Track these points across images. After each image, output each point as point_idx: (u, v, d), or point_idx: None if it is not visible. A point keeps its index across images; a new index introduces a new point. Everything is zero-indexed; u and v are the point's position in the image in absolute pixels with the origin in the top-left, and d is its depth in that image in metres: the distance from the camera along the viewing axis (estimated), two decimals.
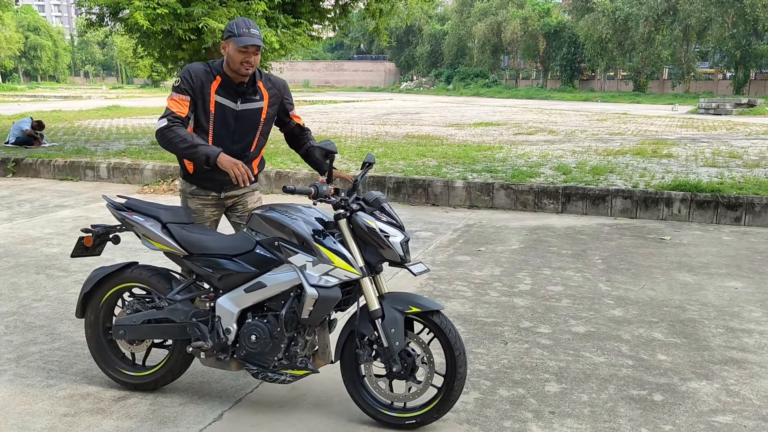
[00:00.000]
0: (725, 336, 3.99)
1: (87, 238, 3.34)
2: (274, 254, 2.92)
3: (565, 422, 3.00)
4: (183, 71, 3.19)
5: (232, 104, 3.21)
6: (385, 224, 2.83)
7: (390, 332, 2.84)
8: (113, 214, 3.31)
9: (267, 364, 2.97)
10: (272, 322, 2.93)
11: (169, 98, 3.14)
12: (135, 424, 2.97)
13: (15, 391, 3.28)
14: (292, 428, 2.95)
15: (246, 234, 3.03)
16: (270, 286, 2.91)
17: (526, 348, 3.81)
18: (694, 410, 3.11)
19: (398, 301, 2.90)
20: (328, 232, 2.88)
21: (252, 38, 3.06)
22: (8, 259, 5.57)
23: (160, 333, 3.19)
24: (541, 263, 5.50)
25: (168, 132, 3.08)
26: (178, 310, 3.10)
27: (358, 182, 3.05)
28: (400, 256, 2.82)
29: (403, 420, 2.96)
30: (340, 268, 2.80)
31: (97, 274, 3.30)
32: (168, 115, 3.10)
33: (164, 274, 3.25)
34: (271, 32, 9.54)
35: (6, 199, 8.29)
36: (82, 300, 3.31)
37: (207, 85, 3.15)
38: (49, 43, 76.68)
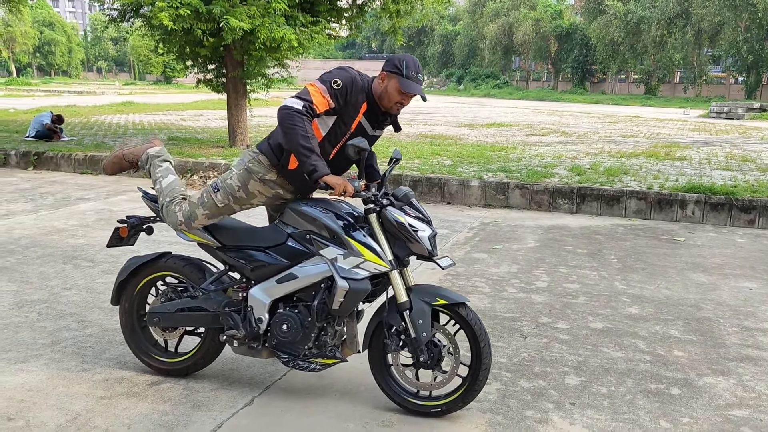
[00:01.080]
0: (740, 334, 4.07)
1: (122, 229, 3.44)
2: (306, 247, 3.02)
3: (585, 413, 3.09)
4: (345, 76, 2.90)
5: (370, 129, 3.06)
6: (413, 219, 2.92)
7: (417, 323, 2.93)
8: (149, 206, 3.41)
9: (297, 353, 3.07)
10: (303, 312, 3.03)
11: (315, 87, 2.87)
12: (169, 408, 3.08)
13: (52, 374, 3.40)
14: (321, 414, 3.05)
15: (278, 226, 3.12)
16: (301, 278, 3.00)
17: (545, 342, 3.90)
18: (711, 404, 3.20)
19: (425, 293, 2.99)
20: (358, 225, 2.98)
21: (419, 86, 2.91)
22: (35, 249, 5.71)
23: (194, 321, 3.29)
24: (557, 261, 5.59)
25: (298, 118, 2.81)
26: (211, 300, 3.21)
27: (385, 178, 3.15)
28: (428, 250, 2.91)
29: (429, 408, 3.05)
30: (371, 261, 2.89)
31: (132, 263, 3.40)
32: (306, 101, 2.83)
33: (197, 264, 3.35)
34: (290, 30, 9.64)
35: (29, 192, 8.44)
36: (117, 288, 3.42)
37: (359, 105, 2.94)
38: (63, 39, 77.26)
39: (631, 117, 22.50)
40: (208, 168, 9.29)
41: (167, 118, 18.43)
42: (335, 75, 2.89)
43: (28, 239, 6.02)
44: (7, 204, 7.61)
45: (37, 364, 3.50)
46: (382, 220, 2.93)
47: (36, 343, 3.78)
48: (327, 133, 2.98)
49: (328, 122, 2.95)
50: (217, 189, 3.11)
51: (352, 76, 2.91)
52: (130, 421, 2.95)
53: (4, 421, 2.93)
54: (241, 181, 3.09)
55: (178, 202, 3.24)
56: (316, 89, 2.85)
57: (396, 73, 2.88)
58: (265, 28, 9.41)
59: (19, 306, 4.35)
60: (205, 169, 9.29)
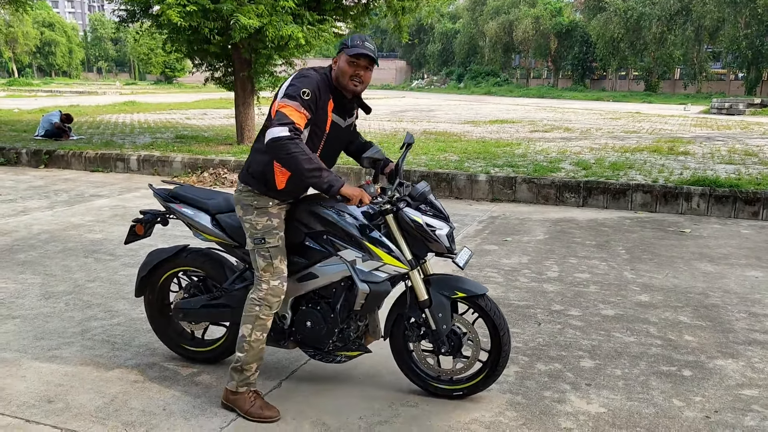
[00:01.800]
0: (748, 320, 4.19)
1: (138, 227, 3.50)
2: (323, 247, 3.03)
3: (601, 393, 3.21)
4: (310, 83, 2.80)
5: (342, 121, 3.01)
6: (431, 218, 2.94)
7: (438, 317, 3.02)
8: (161, 204, 3.44)
9: (322, 347, 3.14)
10: (325, 309, 3.09)
11: (289, 106, 2.74)
12: (201, 391, 3.21)
13: (85, 360, 3.52)
14: (347, 396, 3.17)
15: (295, 226, 3.10)
16: (321, 277, 3.04)
17: (559, 328, 4.02)
18: (722, 384, 3.32)
19: (445, 286, 3.05)
20: (373, 225, 2.99)
21: (365, 49, 2.81)
22: (56, 243, 5.83)
23: (218, 317, 3.36)
24: (566, 253, 5.71)
25: (292, 145, 2.68)
26: (233, 297, 3.25)
27: (400, 164, 3.15)
28: (446, 248, 2.94)
29: (450, 391, 3.16)
30: (390, 264, 2.93)
31: (153, 258, 3.46)
32: (289, 124, 2.70)
33: (216, 259, 3.39)
34: (298, 28, 9.76)
35: (43, 189, 8.57)
36: (140, 282, 3.51)
37: (326, 103, 2.88)
38: (63, 39, 77.36)
39: (633, 113, 22.61)
40: (218, 165, 9.41)
41: (172, 117, 18.55)
42: (301, 86, 2.78)
43: (47, 234, 6.14)
44: (23, 201, 7.73)
45: (70, 351, 3.62)
46: (399, 220, 2.94)
47: (66, 331, 3.90)
48: (305, 143, 2.86)
49: (305, 132, 2.85)
50: (261, 240, 2.96)
51: (315, 80, 2.83)
52: (164, 403, 3.07)
53: (44, 403, 3.06)
54: (259, 217, 2.97)
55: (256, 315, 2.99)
56: (291, 108, 2.73)
57: (343, 49, 2.86)
58: (273, 26, 9.53)
59: (47, 297, 4.47)
60: (215, 165, 9.41)
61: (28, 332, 3.87)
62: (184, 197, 3.39)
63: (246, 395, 2.96)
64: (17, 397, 3.11)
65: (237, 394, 2.97)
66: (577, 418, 2.98)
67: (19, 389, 3.18)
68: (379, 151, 2.96)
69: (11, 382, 3.25)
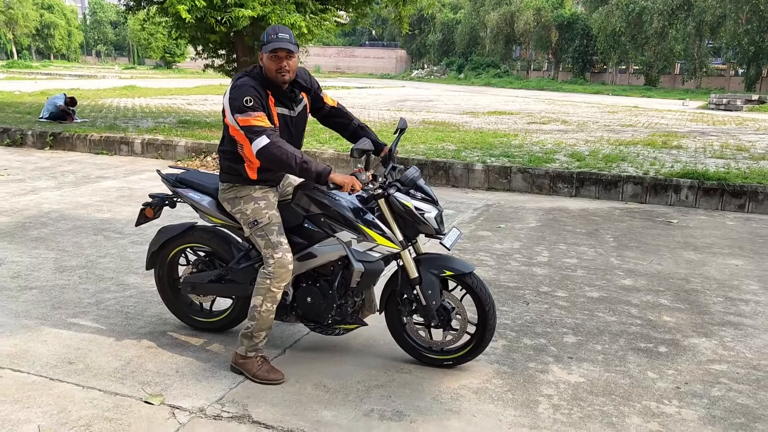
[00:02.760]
0: (724, 304, 4.45)
1: (148, 210, 3.69)
2: (321, 228, 3.27)
3: (582, 365, 3.47)
4: (246, 90, 3.00)
5: (289, 112, 3.21)
6: (420, 201, 3.18)
7: (428, 293, 3.26)
8: (169, 189, 3.65)
9: (322, 321, 3.39)
10: (324, 286, 3.34)
11: (247, 118, 2.96)
12: (210, 356, 3.46)
13: (101, 328, 3.76)
14: (346, 363, 3.42)
15: (294, 209, 3.34)
16: (319, 257, 3.28)
17: (545, 308, 4.28)
18: (694, 360, 3.58)
19: (434, 265, 3.29)
20: (367, 208, 3.24)
21: (280, 42, 2.99)
22: (66, 222, 6.06)
23: (225, 291, 3.59)
24: (557, 239, 5.95)
25: (275, 149, 2.94)
26: (239, 273, 3.48)
27: (393, 148, 3.41)
28: (434, 230, 3.20)
29: (441, 361, 3.42)
30: (383, 244, 3.18)
31: (163, 235, 3.68)
32: (264, 131, 2.95)
33: (223, 236, 3.61)
34: (300, 17, 9.95)
35: (49, 170, 8.78)
36: (151, 256, 3.74)
37: (266, 100, 3.08)
38: (62, 22, 77.02)
39: (631, 107, 22.81)
40: None
41: (173, 102, 18.72)
42: (242, 95, 2.98)
43: (57, 213, 6.37)
44: (31, 181, 7.95)
45: (87, 320, 3.86)
46: (390, 204, 3.18)
47: (82, 302, 4.14)
48: None
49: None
50: (254, 222, 3.19)
51: (249, 85, 3.02)
52: (177, 366, 3.32)
53: (65, 364, 3.30)
54: (246, 204, 3.22)
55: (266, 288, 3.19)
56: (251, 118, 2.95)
57: (261, 47, 3.05)
58: (275, 14, 9.72)
59: (61, 271, 4.71)
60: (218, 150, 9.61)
61: (45, 302, 4.11)
62: (190, 182, 3.60)
63: (254, 360, 3.21)
64: (40, 358, 3.35)
65: (246, 358, 3.21)
66: (557, 386, 3.23)
67: (42, 351, 3.43)
68: (369, 142, 3.16)
69: (34, 346, 3.49)
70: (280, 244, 3.18)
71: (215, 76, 38.13)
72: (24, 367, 3.25)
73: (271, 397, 3.04)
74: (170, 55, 61.04)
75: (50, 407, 2.90)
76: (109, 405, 2.93)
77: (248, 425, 2.81)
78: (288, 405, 2.98)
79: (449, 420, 2.90)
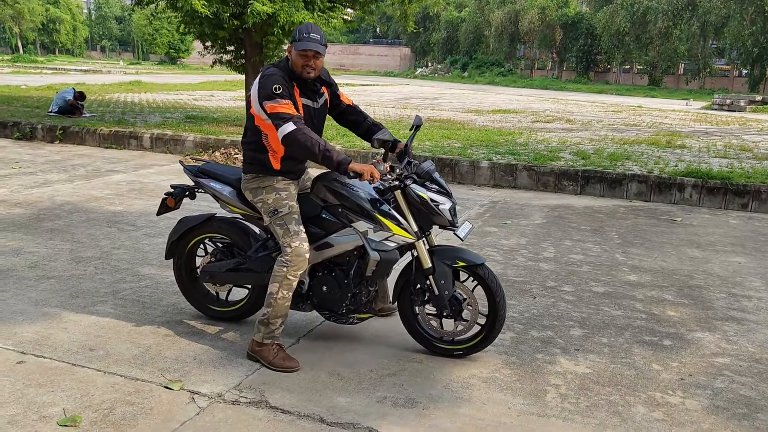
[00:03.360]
0: (727, 299, 4.53)
1: (169, 200, 3.80)
2: (338, 219, 3.38)
3: (588, 357, 3.56)
4: (275, 78, 3.15)
5: (312, 104, 3.35)
6: (435, 194, 3.30)
7: (440, 283, 3.37)
8: (191, 179, 3.75)
9: (337, 310, 3.49)
10: (339, 275, 3.44)
11: (277, 105, 3.10)
12: (227, 345, 3.55)
13: (119, 316, 3.86)
14: (359, 352, 3.52)
15: (312, 200, 3.46)
16: (336, 246, 3.39)
17: (552, 302, 4.36)
18: (698, 353, 3.66)
19: (447, 256, 3.40)
20: (383, 199, 3.35)
21: (310, 42, 3.15)
22: (79, 214, 6.16)
23: (243, 280, 3.68)
24: (562, 236, 6.04)
25: (300, 135, 3.07)
26: (257, 263, 3.58)
27: (408, 144, 3.53)
28: (448, 221, 3.32)
29: (451, 351, 3.51)
30: (398, 234, 3.30)
31: (183, 225, 3.78)
32: (290, 118, 3.09)
33: (241, 226, 3.72)
34: (309, 15, 10.03)
35: (60, 163, 8.88)
36: (170, 246, 3.85)
37: (293, 90, 3.23)
38: (67, 17, 77.11)
39: (635, 107, 22.86)
40: (229, 145, 9.71)
41: (179, 97, 18.80)
42: (271, 83, 3.12)
43: (70, 205, 6.47)
44: (43, 174, 8.05)
45: (104, 309, 3.96)
46: (406, 195, 3.30)
47: (99, 292, 4.24)
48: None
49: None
50: (274, 211, 3.30)
51: (278, 74, 3.17)
52: (195, 354, 3.42)
53: (86, 350, 3.40)
54: (268, 194, 3.33)
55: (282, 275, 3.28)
56: (277, 106, 3.10)
57: (292, 42, 3.21)
58: (285, 12, 9.80)
59: (77, 261, 4.81)
60: (226, 146, 9.72)
61: (64, 291, 4.21)
62: (211, 173, 3.70)
63: (270, 347, 3.30)
64: (61, 345, 3.45)
65: (262, 345, 3.31)
66: (565, 377, 3.32)
67: (62, 338, 3.52)
68: (389, 133, 3.32)
69: (54, 333, 3.59)
70: (297, 233, 3.27)
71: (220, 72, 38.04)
72: (46, 353, 3.35)
73: (287, 384, 3.14)
74: (175, 51, 61.16)
75: (73, 391, 2.99)
76: (131, 390, 3.03)
77: (266, 410, 2.90)
78: (303, 391, 3.08)
79: (460, 407, 2.99)
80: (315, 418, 2.85)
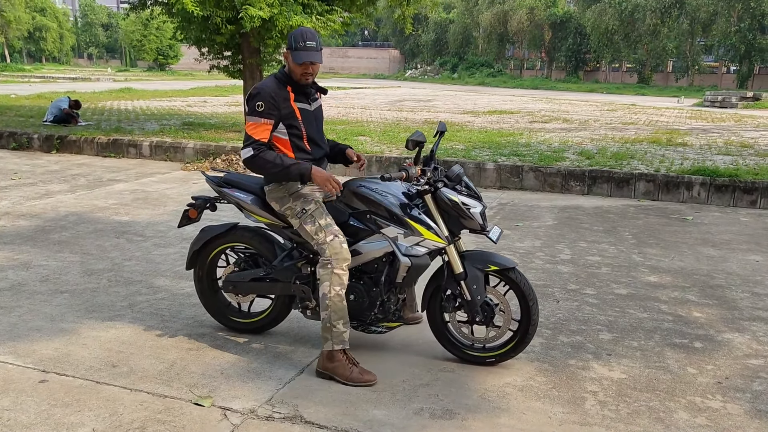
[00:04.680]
0: (751, 299, 4.49)
1: (191, 211, 3.72)
2: (367, 225, 3.32)
3: (621, 362, 3.50)
4: (262, 94, 3.19)
5: (308, 107, 3.37)
6: (465, 197, 3.24)
7: (473, 288, 3.30)
8: (214, 189, 3.66)
9: (365, 319, 3.42)
10: (368, 283, 3.37)
11: (251, 123, 3.20)
12: (253, 357, 3.47)
13: (139, 330, 3.77)
14: (387, 362, 3.44)
15: (339, 206, 3.40)
16: (364, 253, 3.32)
17: (576, 305, 4.31)
18: (731, 355, 3.61)
19: (478, 260, 3.34)
20: (413, 204, 3.29)
21: (308, 54, 3.19)
22: (86, 225, 6.05)
23: (267, 290, 3.60)
24: (576, 237, 5.99)
25: (257, 160, 3.19)
26: (282, 272, 3.51)
27: (434, 150, 3.48)
28: (480, 225, 3.25)
29: (483, 358, 3.44)
30: (429, 239, 3.23)
31: (205, 233, 3.70)
32: (251, 144, 3.19)
33: (265, 235, 3.65)
34: (307, 19, 9.95)
35: (60, 173, 8.75)
36: (192, 255, 3.76)
37: (287, 100, 3.26)
38: (54, 25, 76.48)
39: (628, 105, 22.94)
40: (230, 151, 9.61)
41: (173, 104, 18.67)
42: (255, 100, 3.20)
43: (75, 216, 6.35)
44: (44, 184, 7.92)
45: (123, 323, 3.86)
46: (437, 199, 3.24)
47: (115, 305, 4.14)
48: (289, 135, 3.29)
49: (282, 129, 3.27)
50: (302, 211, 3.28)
51: (265, 90, 3.20)
52: (221, 368, 3.33)
53: (109, 367, 3.30)
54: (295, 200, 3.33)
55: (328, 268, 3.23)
56: (252, 125, 3.19)
57: (289, 49, 3.22)
58: (283, 16, 9.72)
59: (89, 274, 4.71)
60: (227, 152, 9.62)
61: (79, 305, 4.11)
62: (234, 182, 3.62)
63: (344, 363, 3.20)
64: (83, 362, 3.35)
65: (335, 361, 3.21)
66: (601, 383, 3.26)
67: (83, 355, 3.43)
68: (422, 135, 3.27)
69: (74, 349, 3.49)
70: (329, 225, 3.24)
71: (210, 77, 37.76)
72: (68, 371, 3.25)
73: (320, 398, 3.06)
74: (163, 57, 60.79)
75: (101, 410, 2.90)
76: (160, 407, 2.94)
77: (302, 425, 2.82)
78: (338, 405, 3.00)
79: (500, 418, 2.92)
80: None
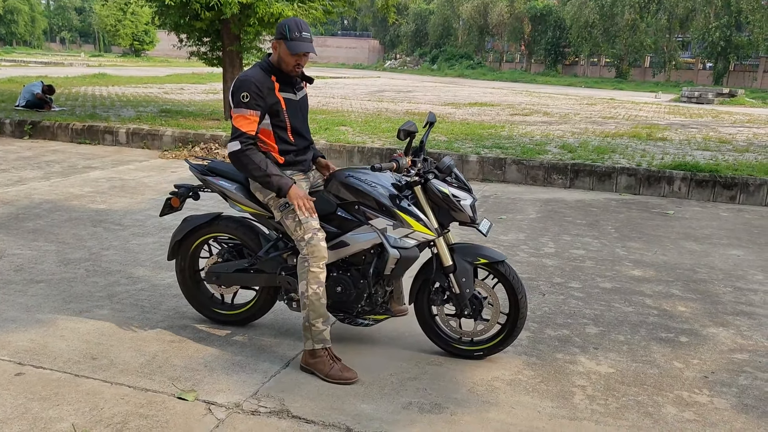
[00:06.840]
0: (734, 293, 4.52)
1: (174, 200, 3.62)
2: (355, 216, 3.25)
3: (608, 355, 3.49)
4: (246, 84, 3.12)
5: (293, 96, 3.31)
6: (456, 189, 3.19)
7: (462, 281, 3.25)
8: (198, 178, 3.57)
9: (352, 311, 3.36)
10: (355, 275, 3.30)
11: (237, 115, 3.13)
12: (237, 350, 3.39)
13: (119, 322, 3.66)
14: (374, 355, 3.39)
15: (326, 197, 3.32)
16: (352, 245, 3.25)
17: (562, 299, 4.30)
18: (716, 349, 3.63)
19: (467, 253, 3.29)
20: (402, 195, 3.23)
21: (304, 44, 3.13)
22: (61, 213, 5.89)
23: (251, 281, 3.52)
24: (560, 230, 5.99)
25: (243, 156, 3.12)
26: (267, 263, 3.43)
27: (424, 141, 3.42)
28: (470, 217, 3.20)
29: (471, 352, 3.41)
30: (419, 231, 3.18)
31: (188, 224, 3.60)
32: (239, 137, 3.12)
33: (249, 225, 3.56)
34: (288, 6, 9.81)
35: (33, 160, 8.53)
36: (173, 246, 3.66)
37: (272, 89, 3.19)
38: (25, 8, 74.74)
39: (607, 99, 23.08)
40: (209, 140, 9.45)
41: (149, 91, 18.34)
42: (239, 92, 3.12)
43: (49, 204, 6.19)
44: (16, 171, 7.71)
45: (102, 314, 3.76)
46: (427, 191, 3.19)
47: (93, 296, 4.03)
48: (273, 126, 3.23)
49: (267, 120, 3.21)
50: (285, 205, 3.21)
51: (250, 80, 3.12)
52: (204, 361, 3.25)
53: (88, 359, 3.20)
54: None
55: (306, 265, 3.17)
56: (239, 116, 3.12)
57: (282, 39, 3.14)
58: (263, 2, 9.56)
59: (65, 264, 4.58)
60: (206, 140, 9.46)
61: (56, 296, 3.99)
62: (219, 171, 3.53)
63: (325, 359, 3.14)
64: (61, 354, 3.25)
65: (316, 357, 3.14)
66: (589, 377, 3.25)
67: (61, 347, 3.32)
68: (414, 125, 3.19)
69: (52, 341, 3.38)
70: (308, 221, 3.15)
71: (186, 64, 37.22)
72: (46, 364, 3.15)
73: (307, 392, 3.00)
74: (139, 43, 59.76)
75: (81, 404, 2.81)
76: (142, 401, 2.85)
77: (288, 420, 2.76)
78: (325, 399, 2.94)
79: (489, 412, 2.89)
80: (341, 427, 2.72)
